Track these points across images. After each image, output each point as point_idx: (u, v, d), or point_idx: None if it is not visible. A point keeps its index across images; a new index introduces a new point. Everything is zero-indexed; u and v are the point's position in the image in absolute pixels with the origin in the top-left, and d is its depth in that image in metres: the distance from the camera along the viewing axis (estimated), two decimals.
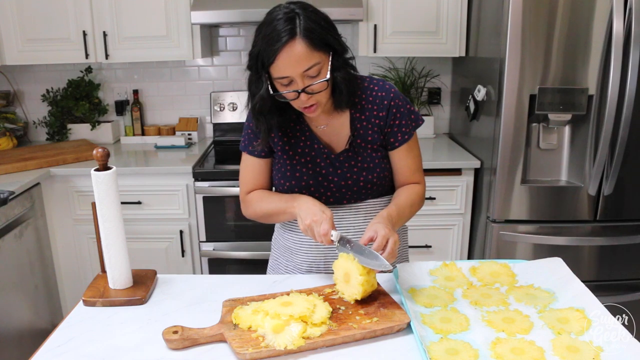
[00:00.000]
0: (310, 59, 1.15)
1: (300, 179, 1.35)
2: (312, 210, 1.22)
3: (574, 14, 2.11)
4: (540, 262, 1.28)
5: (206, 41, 2.86)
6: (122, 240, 1.22)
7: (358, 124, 1.33)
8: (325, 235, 1.18)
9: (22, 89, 3.08)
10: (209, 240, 2.57)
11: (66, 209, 2.55)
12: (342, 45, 1.23)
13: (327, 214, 1.21)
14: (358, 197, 1.37)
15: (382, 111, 1.33)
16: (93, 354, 1.01)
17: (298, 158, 1.35)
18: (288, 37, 1.13)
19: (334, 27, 1.22)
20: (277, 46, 1.13)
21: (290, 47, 1.13)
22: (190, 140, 2.99)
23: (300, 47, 1.14)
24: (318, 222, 1.19)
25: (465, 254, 2.64)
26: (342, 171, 1.34)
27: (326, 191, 1.35)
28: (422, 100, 3.05)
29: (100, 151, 1.17)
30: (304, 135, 1.35)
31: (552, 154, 2.34)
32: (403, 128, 1.34)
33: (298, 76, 1.17)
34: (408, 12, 2.64)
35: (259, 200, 1.39)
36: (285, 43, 1.13)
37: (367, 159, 1.34)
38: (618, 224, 2.35)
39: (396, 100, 1.33)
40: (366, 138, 1.33)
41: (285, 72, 1.16)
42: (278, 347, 0.98)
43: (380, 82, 1.36)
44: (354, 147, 1.34)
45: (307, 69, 1.16)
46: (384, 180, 1.38)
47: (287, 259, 1.46)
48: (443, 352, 0.97)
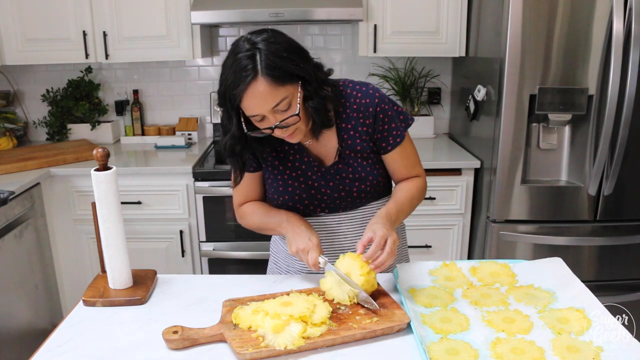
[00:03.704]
0: (276, 96, 1.11)
1: (293, 193, 1.33)
2: (299, 238, 1.23)
3: (574, 14, 2.11)
4: (540, 262, 1.28)
5: (206, 41, 2.86)
6: (122, 240, 1.22)
7: (345, 134, 1.30)
8: (314, 265, 1.20)
9: (22, 89, 3.08)
10: (209, 240, 2.57)
11: (66, 209, 2.55)
12: (310, 72, 1.16)
13: (313, 241, 1.22)
14: (353, 206, 1.36)
15: (368, 119, 1.29)
16: (93, 354, 1.01)
17: (289, 172, 1.33)
18: (250, 78, 1.09)
19: (300, 54, 1.17)
20: (241, 87, 1.10)
21: (254, 87, 1.10)
22: (190, 140, 2.99)
23: (263, 86, 1.10)
24: (305, 250, 1.21)
25: (465, 254, 2.64)
26: (334, 183, 1.33)
27: (320, 203, 1.35)
28: (422, 100, 3.05)
29: (100, 151, 1.17)
30: (292, 149, 1.33)
31: (552, 154, 2.34)
32: (394, 131, 1.31)
33: (268, 113, 1.14)
34: (408, 12, 2.64)
35: (252, 214, 1.39)
36: (248, 84, 1.09)
37: (358, 169, 1.32)
38: (618, 224, 2.34)
39: (381, 105, 1.29)
40: (355, 147, 1.31)
41: (254, 111, 1.14)
42: (278, 347, 0.98)
43: (363, 88, 1.30)
44: (343, 158, 1.31)
45: (275, 105, 1.12)
46: (377, 187, 1.36)
47: (287, 263, 1.46)
48: (443, 352, 0.97)
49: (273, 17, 2.47)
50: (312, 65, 1.19)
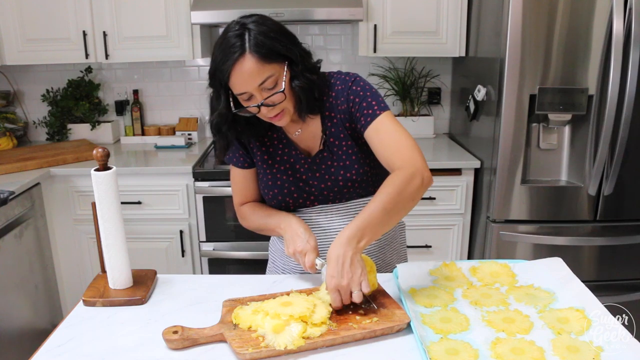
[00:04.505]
0: (262, 73, 1.16)
1: (282, 187, 1.36)
2: (297, 239, 1.25)
3: (574, 14, 2.11)
4: (540, 262, 1.28)
5: (206, 41, 2.86)
6: (122, 240, 1.22)
7: (329, 123, 1.33)
8: (310, 267, 1.21)
9: (22, 89, 3.08)
10: (209, 240, 2.57)
11: (66, 209, 2.55)
12: (297, 54, 1.21)
13: (311, 243, 1.23)
14: (342, 196, 1.36)
15: (343, 104, 1.30)
16: (93, 354, 1.01)
17: (277, 166, 1.36)
18: (238, 54, 1.14)
19: (288, 36, 1.22)
20: (229, 64, 1.14)
21: (241, 64, 1.14)
22: (190, 140, 2.99)
23: (251, 62, 1.14)
24: (302, 252, 1.22)
25: (465, 254, 2.64)
26: (320, 173, 1.34)
27: (309, 195, 1.36)
28: (422, 100, 3.05)
29: (100, 151, 1.17)
30: (281, 144, 1.36)
31: (552, 154, 2.34)
32: (365, 110, 1.26)
33: (255, 90, 1.17)
34: (408, 12, 2.64)
35: (251, 215, 1.41)
36: (236, 60, 1.14)
37: (342, 157, 1.33)
38: (618, 224, 2.34)
39: (353, 87, 1.29)
40: (338, 135, 1.33)
41: (241, 89, 1.18)
42: (278, 347, 0.98)
43: (342, 76, 1.32)
44: (327, 146, 1.33)
45: (262, 82, 1.16)
46: (365, 177, 1.35)
47: (284, 262, 1.46)
48: (443, 352, 0.97)
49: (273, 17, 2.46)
50: (299, 49, 1.23)
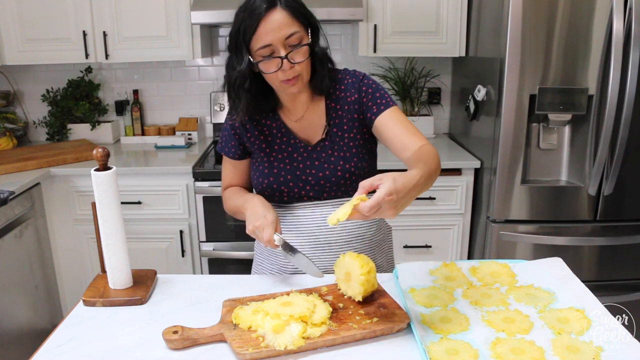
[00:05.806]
0: (291, 27, 1.19)
1: (278, 175, 1.36)
2: (255, 215, 1.24)
3: (574, 14, 2.11)
4: (540, 262, 1.28)
5: (206, 41, 2.86)
6: (122, 240, 1.22)
7: (333, 113, 1.35)
8: (268, 241, 1.20)
9: (22, 89, 3.08)
10: (209, 240, 2.57)
11: (66, 209, 2.55)
12: (319, 28, 1.28)
13: (268, 218, 1.22)
14: (337, 189, 1.36)
15: (354, 95, 1.34)
16: (93, 354, 1.01)
17: (275, 155, 1.37)
18: (268, 6, 1.18)
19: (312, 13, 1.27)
20: (259, 16, 1.17)
21: (271, 15, 1.18)
22: (190, 140, 2.99)
23: (281, 15, 1.18)
24: (260, 227, 1.21)
25: (465, 254, 2.64)
26: (319, 162, 1.35)
27: (305, 185, 1.36)
28: (422, 100, 3.05)
29: (100, 151, 1.17)
30: (280, 132, 1.37)
31: (552, 154, 2.34)
32: (377, 100, 1.33)
33: (280, 43, 1.19)
34: (408, 12, 2.64)
35: (229, 198, 1.44)
36: (266, 11, 1.17)
37: (343, 148, 1.34)
38: (618, 224, 2.34)
39: (365, 80, 1.36)
40: (342, 127, 1.35)
41: (267, 40, 1.19)
42: (278, 347, 0.98)
43: (352, 71, 1.39)
44: (330, 136, 1.35)
45: (289, 36, 1.19)
46: (362, 172, 1.35)
47: (270, 262, 1.45)
48: (443, 352, 0.97)
49: None
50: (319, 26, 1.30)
